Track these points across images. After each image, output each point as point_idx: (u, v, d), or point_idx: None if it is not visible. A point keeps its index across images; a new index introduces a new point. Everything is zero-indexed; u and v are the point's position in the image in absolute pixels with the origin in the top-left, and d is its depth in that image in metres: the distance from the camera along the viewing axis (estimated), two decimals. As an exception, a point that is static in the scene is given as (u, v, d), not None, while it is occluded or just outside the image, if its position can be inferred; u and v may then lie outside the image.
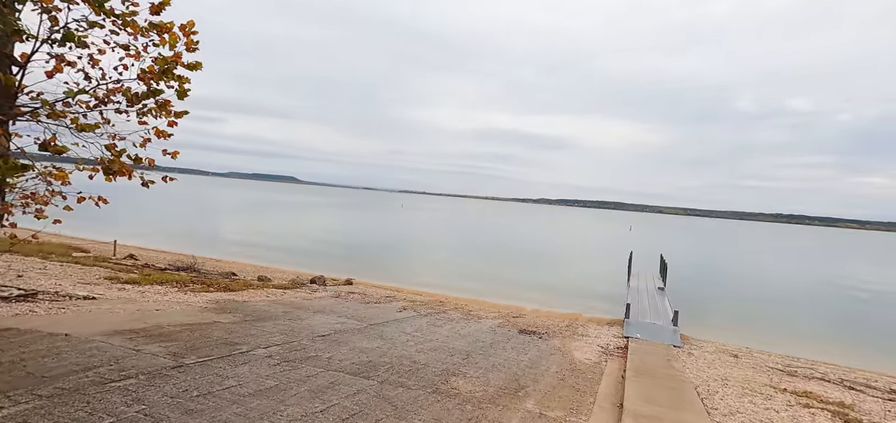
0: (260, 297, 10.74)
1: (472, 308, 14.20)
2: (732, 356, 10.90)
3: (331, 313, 9.95)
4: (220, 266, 17.68)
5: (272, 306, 9.75)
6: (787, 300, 23.37)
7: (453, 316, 12.09)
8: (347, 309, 10.79)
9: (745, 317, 18.69)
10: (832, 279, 33.19)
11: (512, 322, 12.28)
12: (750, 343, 14.18)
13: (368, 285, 16.99)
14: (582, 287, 21.84)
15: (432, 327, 10.05)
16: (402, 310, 11.93)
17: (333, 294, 13.06)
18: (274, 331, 7.39)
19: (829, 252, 64.67)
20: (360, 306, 11.65)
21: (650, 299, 16.07)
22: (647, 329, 12.16)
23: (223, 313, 8.33)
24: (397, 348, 7.47)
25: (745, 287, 26.40)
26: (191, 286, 10.58)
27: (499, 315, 13.35)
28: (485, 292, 19.12)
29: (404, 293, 16.04)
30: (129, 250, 19.36)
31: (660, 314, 13.91)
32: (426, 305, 13.57)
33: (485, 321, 11.81)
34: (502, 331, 10.76)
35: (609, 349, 10.09)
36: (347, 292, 14.00)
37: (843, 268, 42.71)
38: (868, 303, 24.33)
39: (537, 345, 9.52)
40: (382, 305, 12.45)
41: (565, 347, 9.72)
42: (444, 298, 16.28)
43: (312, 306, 10.57)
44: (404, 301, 13.67)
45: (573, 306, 17.55)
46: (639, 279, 20.15)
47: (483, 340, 9.33)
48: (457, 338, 9.10)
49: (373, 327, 9.03)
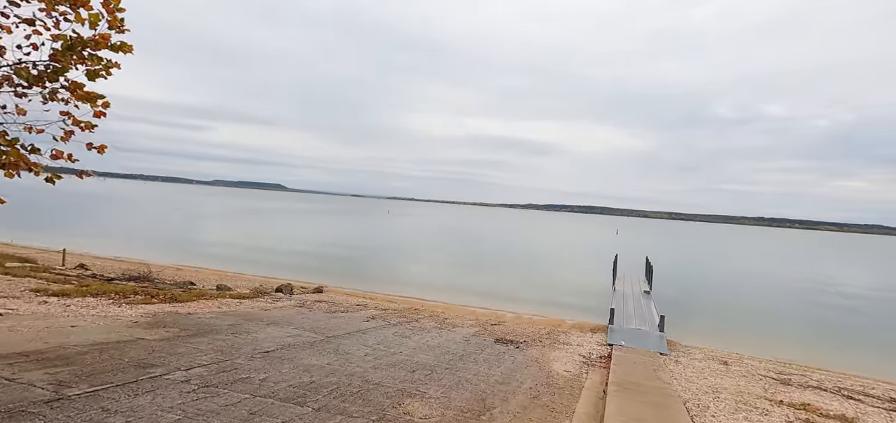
0: (209, 308, 9.73)
1: (449, 316, 13.34)
2: (722, 363, 10.22)
3: (286, 324, 9.00)
4: (182, 275, 16.53)
5: (220, 318, 8.76)
6: (772, 303, 23.01)
7: (426, 325, 11.21)
8: (307, 320, 9.84)
9: (732, 320, 18.18)
10: (815, 281, 33.15)
11: (489, 331, 11.46)
12: (738, 348, 13.58)
13: (340, 293, 16.01)
14: (566, 292, 21.14)
15: (399, 338, 9.16)
16: (369, 319, 11.02)
17: (297, 303, 12.08)
18: (208, 349, 6.43)
19: (811, 254, 65.43)
20: (323, 316, 10.70)
21: (636, 304, 15.40)
22: (632, 336, 11.44)
23: (155, 328, 7.33)
24: (351, 365, 6.57)
25: (730, 290, 26.03)
26: (131, 298, 9.52)
27: (476, 323, 12.52)
28: (466, 298, 18.28)
29: (378, 301, 15.11)
30: (87, 259, 18.07)
31: (645, 319, 13.23)
32: (399, 313, 12.67)
33: (459, 330, 10.96)
34: (477, 341, 9.92)
35: (591, 359, 9.32)
36: (314, 300, 13.02)
37: (825, 270, 42.94)
38: (852, 305, 24.12)
39: (513, 356, 8.70)
40: (349, 314, 11.51)
41: (544, 357, 8.92)
42: (420, 305, 15.39)
43: (268, 316, 9.60)
44: (375, 310, 12.75)
45: (557, 312, 16.82)
46: (624, 283, 19.51)
47: (453, 351, 8.47)
48: (424, 350, 8.23)
49: (330, 340, 8.11)
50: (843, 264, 51.46)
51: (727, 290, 25.80)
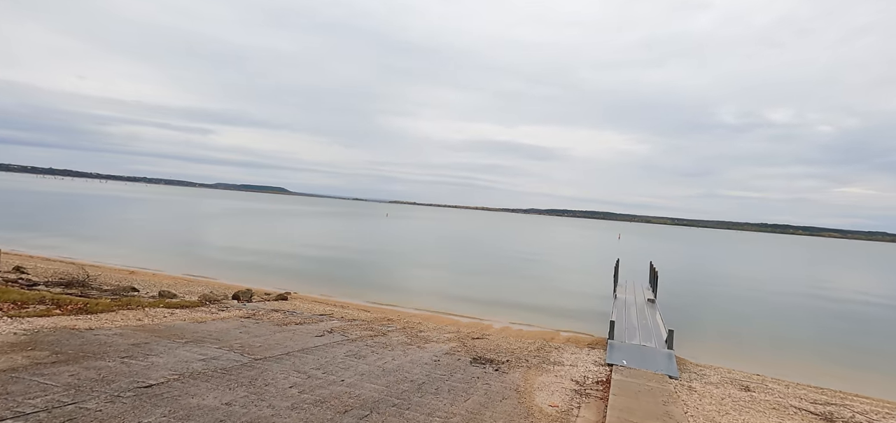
0: (125, 322, 8.10)
1: (426, 327, 11.67)
2: (744, 389, 8.52)
3: (211, 342, 7.36)
4: (134, 279, 14.93)
5: (125, 336, 7.12)
6: (786, 313, 21.23)
7: (393, 340, 9.54)
8: (244, 335, 8.20)
9: (745, 333, 16.42)
10: (828, 289, 31.32)
11: (467, 346, 9.78)
12: (757, 367, 11.86)
13: (308, 300, 14.36)
14: (563, 299, 19.43)
15: (351, 359, 7.51)
16: (325, 334, 9.36)
17: (247, 314, 10.43)
18: (63, 383, 4.80)
19: (819, 261, 63.43)
20: (269, 330, 9.05)
21: (639, 314, 13.69)
22: (635, 354, 9.75)
23: (19, 351, 5.70)
24: (259, 406, 4.92)
25: (739, 299, 24.24)
26: (30, 308, 7.90)
27: (456, 336, 10.84)
28: (453, 305, 16.61)
29: (349, 310, 13.45)
30: (30, 261, 16.49)
31: (650, 333, 11.52)
32: (366, 325, 11.01)
33: (431, 347, 9.29)
34: (449, 361, 8.25)
35: (585, 385, 7.63)
36: (271, 309, 11.38)
37: (837, 278, 41.06)
38: (875, 315, 22.32)
39: (488, 383, 7.03)
40: (304, 326, 9.86)
41: (527, 384, 7.24)
42: (396, 314, 13.72)
43: (195, 332, 7.96)
44: (339, 321, 11.09)
45: (552, 321, 15.12)
46: (626, 290, 17.80)
47: (413, 378, 6.81)
48: (374, 377, 6.57)
49: (255, 364, 6.46)
50: (854, 272, 49.53)
51: (736, 298, 24.03)
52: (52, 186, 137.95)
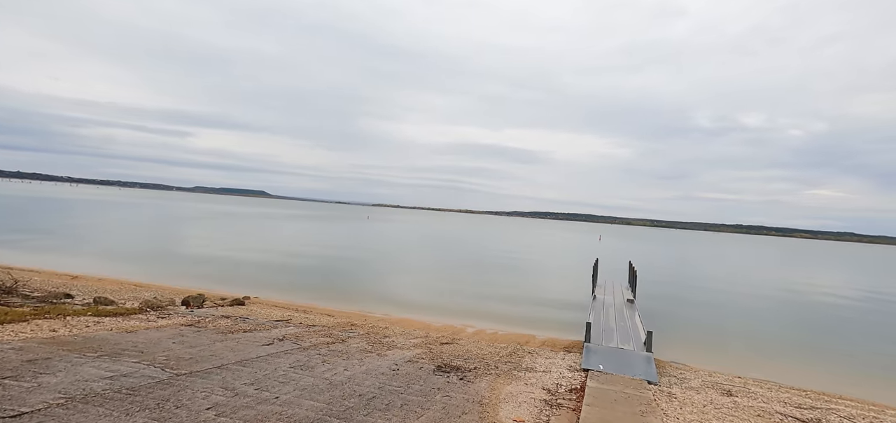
0: (34, 333, 7.07)
1: (391, 332, 10.85)
2: (726, 393, 7.98)
3: (131, 356, 6.42)
4: (74, 285, 13.69)
5: (30, 349, 6.14)
6: (764, 311, 21.12)
7: (351, 347, 8.71)
8: (177, 346, 7.26)
9: (724, 332, 16.08)
10: (802, 289, 31.65)
11: (434, 352, 9.01)
12: (737, 368, 11.41)
13: (268, 305, 13.38)
14: (543, 301, 18.83)
15: (296, 371, 6.66)
16: (276, 341, 8.47)
17: (190, 321, 9.45)
18: None
19: (793, 260, 64.82)
20: (210, 339, 8.12)
21: (617, 315, 13.15)
22: (612, 357, 9.14)
23: None
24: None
25: (717, 298, 24.11)
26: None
27: (423, 341, 10.06)
28: (427, 308, 15.83)
29: (312, 314, 12.53)
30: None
31: (629, 335, 10.95)
32: (326, 330, 10.13)
33: (393, 354, 8.49)
34: (410, 369, 7.47)
35: (557, 394, 6.95)
36: (220, 316, 10.40)
37: (809, 277, 41.77)
38: (843, 314, 22.43)
39: (449, 395, 6.28)
40: (253, 334, 8.94)
41: (492, 395, 6.52)
42: (362, 318, 12.85)
43: (116, 344, 6.99)
44: (295, 327, 10.19)
45: (529, 323, 14.46)
46: (605, 290, 17.30)
47: (363, 391, 6.01)
48: (318, 392, 5.75)
49: (176, 381, 5.57)
50: (826, 271, 50.62)
51: (714, 298, 23.88)
52: (17, 189, 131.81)
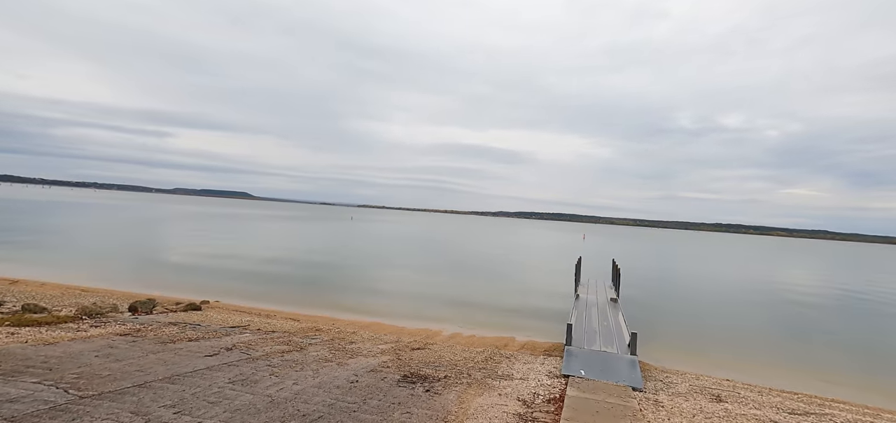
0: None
1: (358, 338, 10.03)
2: (715, 398, 7.40)
3: (33, 375, 5.50)
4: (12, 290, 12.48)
5: None
6: (748, 310, 20.90)
7: (310, 356, 7.88)
8: (99, 361, 6.33)
9: (708, 331, 15.67)
10: (782, 287, 31.81)
11: (403, 359, 8.24)
12: (724, 370, 10.93)
13: (229, 310, 12.40)
14: (525, 301, 18.20)
15: (233, 387, 5.81)
16: (223, 351, 7.58)
17: (128, 330, 8.48)
18: None
19: (771, 259, 65.84)
20: (144, 350, 7.19)
21: (600, 315, 12.56)
22: (595, 362, 8.50)
23: None
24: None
25: (701, 296, 23.89)
26: None
27: (392, 347, 9.28)
28: (403, 310, 15.03)
29: (275, 319, 11.61)
30: None
31: (612, 337, 10.35)
32: (286, 337, 9.26)
33: (355, 363, 7.69)
34: (371, 380, 6.68)
35: (534, 406, 6.26)
36: (168, 322, 9.43)
37: (788, 275, 42.24)
38: (826, 311, 22.40)
39: (411, 410, 5.52)
40: (199, 343, 8.03)
41: (461, 409, 5.78)
42: (330, 323, 11.98)
43: (22, 360, 6.06)
44: (252, 333, 9.29)
45: (510, 325, 13.78)
46: (588, 289, 16.75)
47: (311, 409, 5.21)
48: (253, 413, 4.92)
49: (75, 406, 4.69)
50: (803, 269, 51.41)
51: (698, 297, 23.64)
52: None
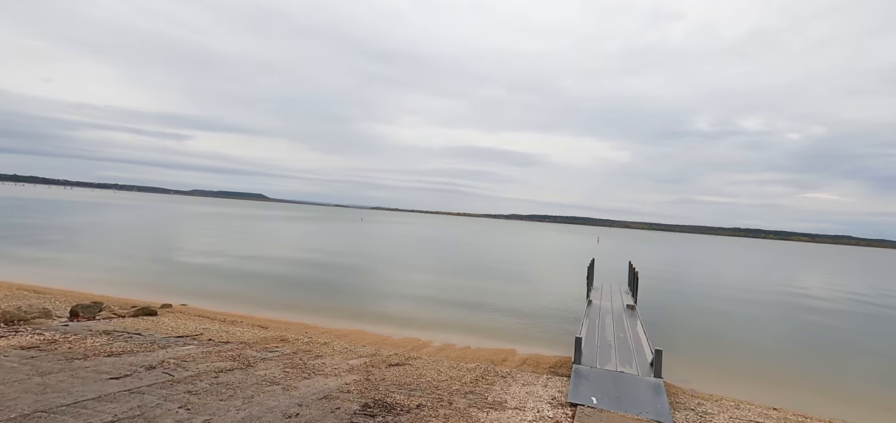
0: None
1: (329, 350, 8.52)
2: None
3: None
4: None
5: None
6: (779, 319, 18.81)
7: (255, 375, 6.39)
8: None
9: (740, 343, 13.73)
10: (815, 295, 29.37)
11: (372, 380, 6.70)
12: (764, 387, 9.18)
13: (188, 315, 11.01)
14: (531, 307, 16.49)
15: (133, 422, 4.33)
16: (140, 371, 6.14)
17: (32, 342, 7.12)
18: None
19: (796, 265, 62.48)
20: (35, 369, 5.81)
21: (616, 325, 10.82)
22: (609, 385, 6.84)
23: None
24: None
25: (727, 304, 21.78)
26: None
27: (366, 363, 7.74)
28: (394, 316, 13.51)
29: (238, 327, 10.18)
30: None
31: (631, 353, 8.63)
32: (238, 348, 7.81)
33: (308, 385, 6.17)
34: (316, 412, 5.16)
35: (527, 454, 4.64)
36: (100, 331, 8.07)
37: (819, 282, 39.48)
38: (867, 321, 20.14)
39: (350, 464, 3.95)
40: (120, 358, 6.62)
41: (424, 460, 4.20)
42: (301, 331, 10.50)
43: None
44: (200, 345, 7.86)
45: (512, 336, 12.11)
46: (601, 295, 14.97)
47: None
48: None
49: None
50: (833, 275, 48.34)
51: (724, 305, 21.57)
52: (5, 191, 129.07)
